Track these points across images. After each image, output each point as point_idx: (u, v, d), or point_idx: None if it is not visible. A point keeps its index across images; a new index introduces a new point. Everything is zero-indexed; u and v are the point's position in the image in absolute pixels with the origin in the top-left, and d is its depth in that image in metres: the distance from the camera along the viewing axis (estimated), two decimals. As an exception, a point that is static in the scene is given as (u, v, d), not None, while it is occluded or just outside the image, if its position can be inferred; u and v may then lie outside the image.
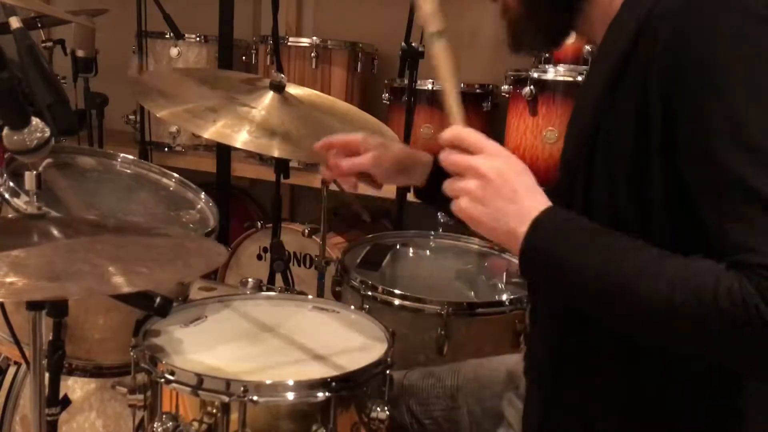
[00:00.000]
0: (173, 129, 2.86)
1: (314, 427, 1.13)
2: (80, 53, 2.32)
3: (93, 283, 0.94)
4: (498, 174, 0.93)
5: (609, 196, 0.93)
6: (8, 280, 0.88)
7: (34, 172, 1.07)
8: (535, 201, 0.93)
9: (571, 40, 1.13)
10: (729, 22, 0.82)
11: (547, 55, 2.35)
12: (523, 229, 0.91)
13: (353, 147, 1.33)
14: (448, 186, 0.97)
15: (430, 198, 1.39)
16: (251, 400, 1.08)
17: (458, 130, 0.98)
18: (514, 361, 1.35)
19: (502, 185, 0.92)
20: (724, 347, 0.80)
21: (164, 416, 1.15)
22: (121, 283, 0.93)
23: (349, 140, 1.34)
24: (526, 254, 0.91)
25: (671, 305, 0.80)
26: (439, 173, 1.22)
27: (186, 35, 2.73)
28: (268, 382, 1.12)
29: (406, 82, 2.34)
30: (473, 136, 0.96)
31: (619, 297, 0.84)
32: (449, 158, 0.97)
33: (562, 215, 0.93)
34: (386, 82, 2.66)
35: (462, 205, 0.94)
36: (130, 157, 1.78)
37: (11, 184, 1.36)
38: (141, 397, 1.21)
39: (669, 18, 0.85)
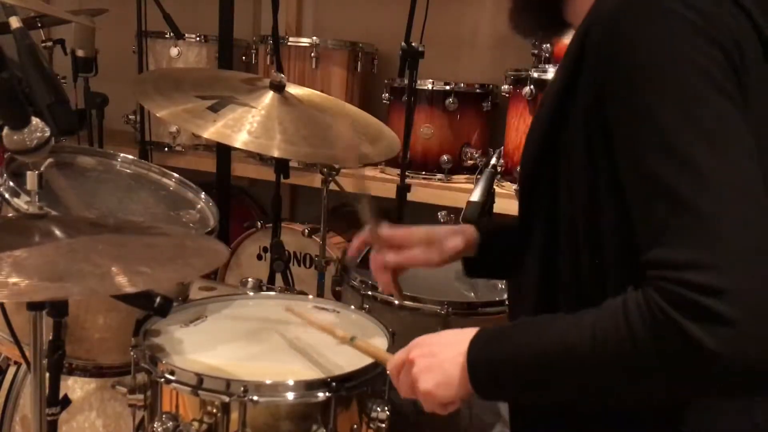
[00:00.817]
0: (173, 129, 2.86)
1: (314, 427, 1.13)
2: (80, 53, 2.32)
3: (95, 283, 0.94)
4: (418, 351, 1.01)
5: (569, 202, 0.95)
6: (11, 280, 0.88)
7: (36, 172, 1.07)
8: (457, 336, 0.98)
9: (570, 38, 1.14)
10: (651, 25, 0.82)
11: (547, 54, 2.35)
12: (462, 359, 0.95)
13: (398, 241, 1.30)
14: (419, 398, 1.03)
15: (482, 268, 1.35)
16: (251, 400, 1.08)
17: (391, 366, 1.07)
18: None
19: (427, 349, 1.01)
20: (658, 370, 0.78)
21: (164, 416, 1.15)
22: (123, 282, 0.93)
23: (396, 236, 1.30)
24: (472, 370, 0.94)
25: (595, 346, 0.81)
26: (485, 244, 1.30)
27: (186, 35, 2.73)
28: (268, 382, 1.12)
29: (406, 82, 2.33)
30: (391, 363, 1.06)
31: (553, 365, 0.87)
32: (400, 386, 1.05)
33: (489, 330, 0.98)
34: (386, 82, 2.66)
35: (420, 390, 0.99)
36: (130, 157, 1.78)
37: (11, 184, 1.36)
38: (141, 396, 1.21)
39: (603, 17, 0.86)
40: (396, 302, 1.57)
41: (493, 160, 2.47)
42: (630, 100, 0.82)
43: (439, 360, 0.98)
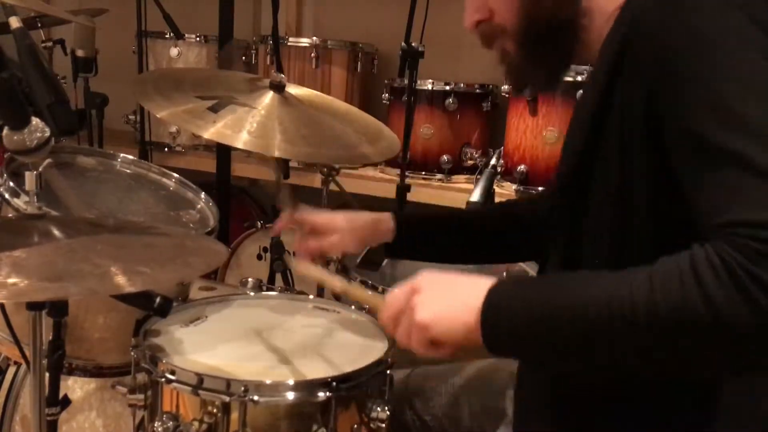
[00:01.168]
0: (173, 129, 2.86)
1: (314, 427, 1.12)
2: (80, 53, 2.32)
3: (95, 283, 0.94)
4: (427, 280, 0.96)
5: (605, 197, 0.94)
6: (10, 281, 0.88)
7: (35, 172, 1.07)
8: (473, 278, 0.93)
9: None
10: (704, 5, 0.83)
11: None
12: (479, 301, 0.88)
13: (320, 228, 1.37)
14: (400, 330, 0.97)
15: (399, 252, 1.44)
16: (252, 400, 1.08)
17: (384, 310, 1.01)
18: (514, 359, 1.35)
19: (437, 281, 0.96)
20: (729, 330, 0.72)
21: (164, 416, 1.15)
22: (123, 282, 0.93)
23: (318, 222, 1.38)
24: (488, 315, 0.87)
25: (655, 303, 0.74)
26: (403, 228, 1.37)
27: (186, 35, 2.73)
28: (268, 381, 1.12)
29: (406, 82, 2.33)
30: (392, 301, 0.99)
31: (594, 322, 0.79)
32: (385, 317, 1.00)
33: (515, 278, 0.95)
34: (386, 82, 2.66)
35: (417, 320, 0.92)
36: (130, 157, 1.78)
37: (11, 184, 1.36)
38: (141, 396, 1.21)
39: (646, 9, 0.87)
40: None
41: (493, 161, 2.46)
42: (685, 77, 0.82)
43: (449, 293, 0.92)
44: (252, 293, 1.59)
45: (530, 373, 1.10)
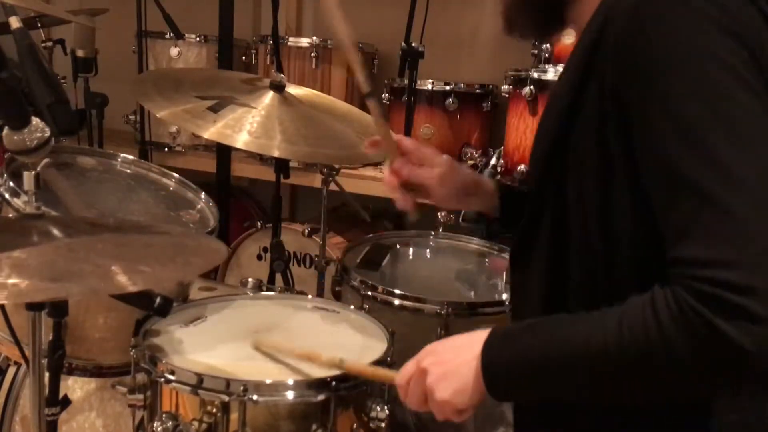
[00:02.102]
0: (173, 129, 2.86)
1: (314, 427, 1.13)
2: (80, 53, 2.32)
3: (95, 283, 0.94)
4: (430, 359, 1.00)
5: (578, 195, 0.94)
6: (10, 281, 0.88)
7: (32, 172, 1.07)
8: (467, 339, 0.98)
9: (571, 39, 1.14)
10: (676, 19, 0.82)
11: (547, 54, 2.35)
12: (476, 362, 0.94)
13: (418, 157, 1.26)
14: (432, 410, 1.01)
15: (502, 226, 1.35)
16: (251, 400, 1.08)
17: (399, 382, 1.05)
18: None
19: (439, 357, 1.00)
20: (689, 368, 0.77)
21: (164, 416, 1.15)
22: (123, 282, 0.93)
23: (417, 150, 1.26)
24: (488, 372, 0.93)
25: (622, 346, 0.80)
26: (509, 200, 1.30)
27: (186, 35, 2.73)
28: (268, 381, 1.12)
29: (406, 82, 2.33)
30: (401, 376, 1.04)
31: (576, 365, 0.85)
32: (410, 400, 1.04)
33: (504, 329, 0.97)
34: (386, 82, 2.66)
35: (437, 399, 0.98)
36: (130, 157, 1.78)
37: (11, 184, 1.36)
38: (141, 396, 1.21)
39: (621, 12, 0.85)
40: (396, 302, 1.57)
41: (493, 161, 2.47)
42: (653, 95, 0.81)
43: (454, 365, 0.97)
44: (252, 293, 1.59)
45: None
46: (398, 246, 1.98)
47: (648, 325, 0.78)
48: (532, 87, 2.27)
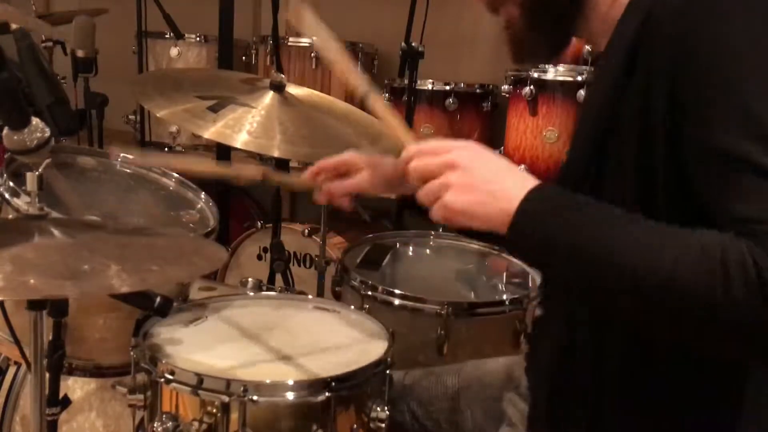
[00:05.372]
0: (173, 129, 2.86)
1: (314, 427, 1.13)
2: (80, 53, 2.32)
3: (95, 283, 0.94)
4: (473, 160, 0.92)
5: (619, 192, 0.93)
6: (11, 280, 0.88)
7: (35, 173, 1.07)
8: (519, 177, 0.91)
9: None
10: (733, 14, 0.83)
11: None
12: (514, 204, 0.87)
13: (343, 168, 1.29)
14: (425, 192, 0.94)
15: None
16: (251, 400, 1.08)
17: (417, 145, 0.97)
18: (513, 361, 1.35)
19: (482, 168, 0.91)
20: (741, 324, 0.75)
21: (164, 416, 1.15)
22: (123, 282, 0.93)
23: (338, 162, 1.30)
24: (517, 227, 0.87)
25: (674, 281, 0.77)
26: None
27: (186, 35, 2.73)
28: (268, 381, 1.12)
29: (406, 82, 2.34)
30: (434, 142, 0.96)
31: (617, 274, 0.80)
32: (419, 165, 0.94)
33: (554, 190, 0.91)
34: (386, 82, 2.66)
35: (446, 201, 0.91)
36: (130, 156, 1.78)
37: (11, 184, 1.36)
38: (141, 397, 1.21)
39: (672, 11, 0.86)
40: (396, 302, 1.57)
41: (493, 160, 2.47)
42: (717, 88, 0.82)
43: (488, 186, 0.90)
44: (252, 293, 1.59)
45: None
46: (398, 246, 1.98)
47: (714, 272, 0.75)
48: (532, 87, 2.27)
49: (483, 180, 0.91)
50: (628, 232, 0.82)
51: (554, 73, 2.27)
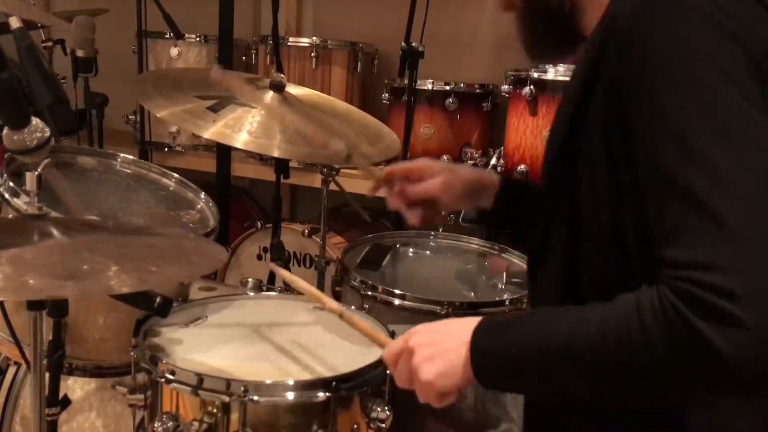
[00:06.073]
0: (173, 129, 2.86)
1: (314, 427, 1.13)
2: (80, 53, 2.32)
3: (95, 283, 0.94)
4: (422, 335, 1.00)
5: (590, 198, 0.94)
6: (11, 280, 0.88)
7: (35, 173, 1.07)
8: (459, 325, 0.98)
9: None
10: (677, 20, 0.81)
11: (547, 54, 2.35)
12: (465, 349, 0.95)
13: (416, 173, 1.31)
14: (404, 383, 1.02)
15: (498, 220, 1.37)
16: (251, 400, 1.08)
17: (385, 353, 1.07)
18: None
19: (431, 336, 1.00)
20: (668, 370, 0.77)
21: (164, 416, 1.15)
22: (123, 282, 0.93)
23: (413, 167, 1.31)
24: (476, 361, 0.94)
25: (605, 344, 0.81)
26: (504, 194, 1.30)
27: (186, 35, 2.73)
28: (268, 381, 1.12)
29: (406, 82, 2.33)
30: (389, 351, 1.05)
31: (563, 362, 0.85)
32: (395, 373, 1.04)
33: (493, 319, 0.98)
34: (386, 82, 2.66)
35: (422, 380, 0.98)
36: (130, 157, 1.78)
37: (11, 184, 1.36)
38: (141, 396, 1.21)
39: (626, 9, 0.85)
40: (396, 302, 1.57)
41: (493, 161, 2.47)
42: (648, 98, 0.82)
43: (442, 349, 0.97)
44: (252, 293, 1.59)
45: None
46: (398, 246, 1.98)
47: (631, 323, 0.79)
48: (532, 87, 2.27)
49: (434, 343, 0.98)
50: (558, 322, 0.88)
51: (554, 73, 2.27)
